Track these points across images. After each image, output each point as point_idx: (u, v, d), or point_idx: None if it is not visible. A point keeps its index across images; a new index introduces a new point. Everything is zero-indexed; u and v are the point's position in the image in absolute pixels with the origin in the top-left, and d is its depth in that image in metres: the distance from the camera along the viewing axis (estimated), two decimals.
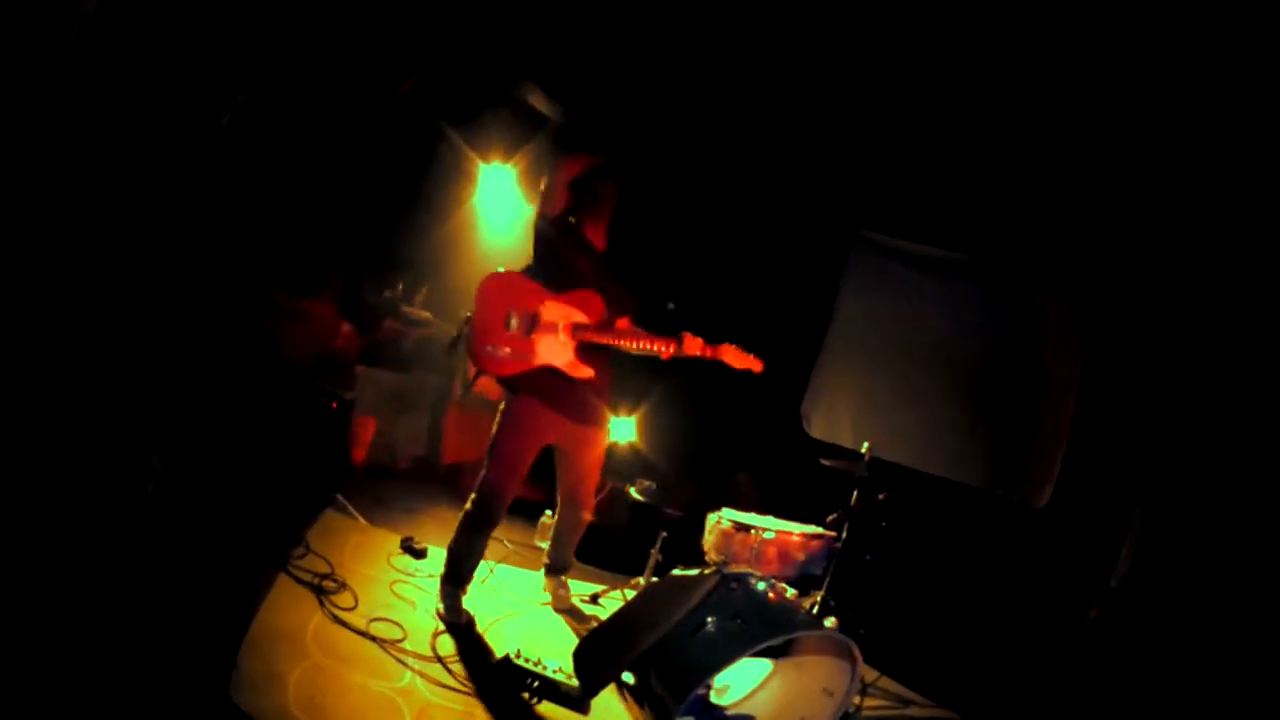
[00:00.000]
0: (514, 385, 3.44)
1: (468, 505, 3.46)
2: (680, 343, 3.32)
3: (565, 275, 3.47)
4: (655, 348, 3.36)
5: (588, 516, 3.81)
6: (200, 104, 3.45)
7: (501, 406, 3.49)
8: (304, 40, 3.97)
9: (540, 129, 5.86)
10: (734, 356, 3.36)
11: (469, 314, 3.40)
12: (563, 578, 4.01)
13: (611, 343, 3.47)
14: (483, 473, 3.45)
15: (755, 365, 3.38)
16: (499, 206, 6.32)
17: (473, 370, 3.62)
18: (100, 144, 3.26)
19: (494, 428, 3.48)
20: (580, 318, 3.44)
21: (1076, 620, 3.60)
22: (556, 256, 3.50)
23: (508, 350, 3.35)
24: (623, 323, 3.56)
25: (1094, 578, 3.69)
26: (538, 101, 5.72)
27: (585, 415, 3.56)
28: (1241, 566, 3.60)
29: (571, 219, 3.55)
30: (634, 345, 3.43)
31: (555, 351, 3.39)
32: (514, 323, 3.36)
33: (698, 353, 3.34)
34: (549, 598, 3.95)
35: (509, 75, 5.52)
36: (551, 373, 3.40)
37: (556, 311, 3.41)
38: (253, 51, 3.49)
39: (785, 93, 5.00)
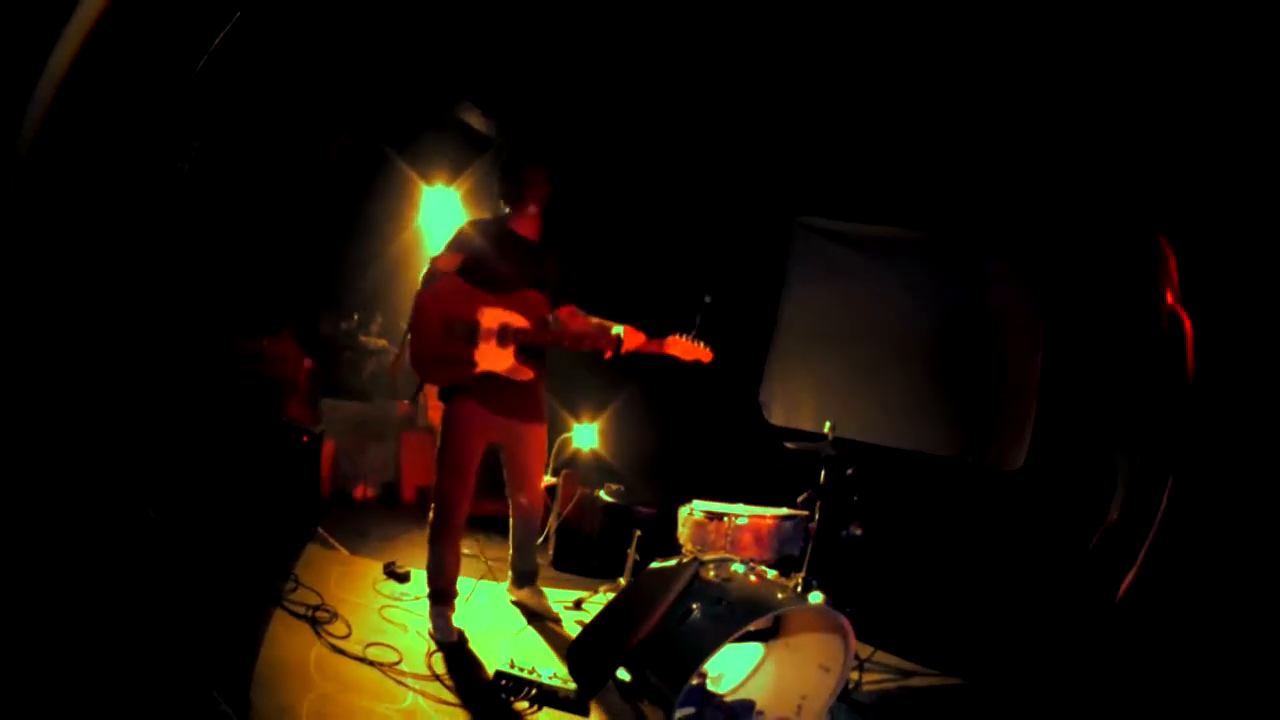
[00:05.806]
0: (452, 391, 3.47)
1: (430, 517, 3.52)
2: (619, 340, 3.32)
3: (499, 278, 3.44)
4: (597, 346, 3.37)
5: (538, 508, 3.80)
6: (160, 152, 3.43)
7: (442, 415, 3.50)
8: (247, 79, 3.94)
9: (482, 149, 5.92)
10: (681, 348, 3.36)
11: (408, 326, 3.41)
12: (538, 585, 4.02)
13: (551, 344, 3.52)
14: (434, 483, 3.51)
15: (704, 355, 3.39)
16: (444, 229, 6.35)
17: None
18: (68, 194, 3.21)
19: (438, 439, 3.53)
20: (519, 321, 3.41)
21: (1076, 563, 3.56)
22: (488, 263, 3.46)
23: (450, 360, 3.37)
24: (566, 310, 3.60)
25: (1082, 533, 3.64)
26: (477, 122, 5.78)
27: (525, 412, 3.57)
28: (1235, 518, 3.53)
29: (505, 213, 3.56)
30: (574, 345, 3.50)
31: (496, 358, 3.40)
32: (454, 332, 3.38)
33: (640, 347, 3.35)
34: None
35: (446, 96, 5.55)
36: (491, 377, 3.42)
37: (495, 317, 3.40)
38: (206, 95, 3.47)
39: (714, 88, 5.04)
